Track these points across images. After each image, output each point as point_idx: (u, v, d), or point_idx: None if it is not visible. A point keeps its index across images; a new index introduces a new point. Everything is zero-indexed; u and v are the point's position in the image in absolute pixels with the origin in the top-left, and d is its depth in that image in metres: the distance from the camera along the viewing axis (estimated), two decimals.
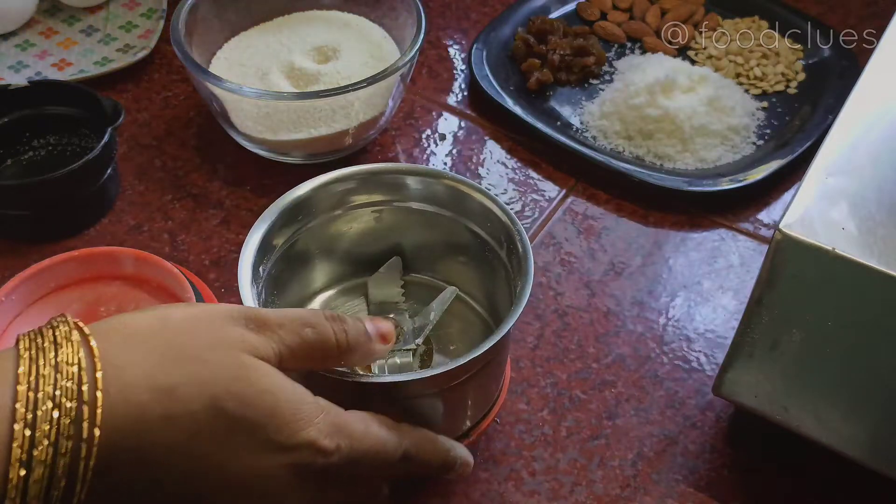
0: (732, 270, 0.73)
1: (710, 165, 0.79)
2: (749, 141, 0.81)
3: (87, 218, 0.74)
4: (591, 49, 0.87)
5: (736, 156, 0.80)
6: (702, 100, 0.80)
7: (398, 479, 0.59)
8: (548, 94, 0.86)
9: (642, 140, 0.80)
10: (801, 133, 0.81)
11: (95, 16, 0.91)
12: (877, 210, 0.51)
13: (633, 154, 0.80)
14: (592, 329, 0.69)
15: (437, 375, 0.51)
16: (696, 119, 0.79)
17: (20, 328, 0.65)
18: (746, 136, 0.82)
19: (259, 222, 0.57)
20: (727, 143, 0.80)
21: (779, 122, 0.83)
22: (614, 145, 0.81)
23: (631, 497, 0.60)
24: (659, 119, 0.79)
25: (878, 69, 0.60)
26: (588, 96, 0.86)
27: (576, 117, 0.84)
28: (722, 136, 0.80)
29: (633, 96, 0.81)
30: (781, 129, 0.83)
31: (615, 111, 0.82)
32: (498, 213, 0.58)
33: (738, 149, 0.81)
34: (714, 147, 0.80)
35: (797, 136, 0.81)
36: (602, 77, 0.87)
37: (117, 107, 0.73)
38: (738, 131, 0.81)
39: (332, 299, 0.65)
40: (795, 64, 0.88)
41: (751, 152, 0.81)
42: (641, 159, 0.80)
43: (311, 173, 0.61)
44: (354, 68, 0.78)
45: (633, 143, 0.81)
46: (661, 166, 0.79)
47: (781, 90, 0.86)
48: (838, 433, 0.55)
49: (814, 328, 0.52)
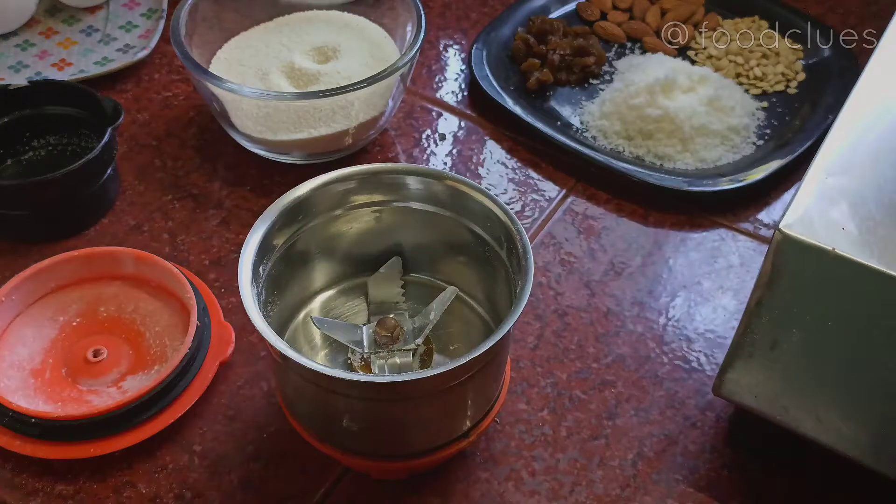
0: (732, 270, 0.73)
1: (711, 165, 0.79)
2: (749, 141, 0.81)
3: (87, 218, 0.74)
4: (592, 49, 0.87)
5: (736, 156, 0.80)
6: (702, 100, 0.80)
7: (398, 479, 0.59)
8: (548, 94, 0.85)
9: (642, 140, 0.80)
10: (801, 133, 0.81)
11: (95, 16, 0.91)
12: (877, 210, 0.51)
13: (633, 154, 0.80)
14: (592, 329, 0.69)
15: (437, 375, 0.51)
16: (696, 119, 0.79)
17: (20, 328, 0.65)
18: (746, 136, 0.82)
19: (259, 222, 0.57)
20: (727, 143, 0.80)
21: (779, 122, 0.83)
22: (614, 145, 0.81)
23: (631, 497, 0.60)
24: (659, 119, 0.79)
25: (878, 69, 0.60)
26: (588, 96, 0.86)
27: (576, 117, 0.84)
28: (722, 136, 0.80)
29: (633, 96, 0.81)
30: (781, 129, 0.83)
31: (615, 111, 0.82)
32: (498, 213, 0.58)
33: (738, 149, 0.81)
34: (714, 147, 0.80)
35: (797, 136, 0.81)
36: (602, 77, 0.87)
37: (117, 107, 0.73)
38: (738, 131, 0.81)
39: (332, 299, 0.65)
40: (795, 64, 0.88)
41: (751, 152, 0.81)
42: (641, 159, 0.80)
43: (311, 173, 0.61)
44: (354, 68, 0.78)
45: (633, 143, 0.81)
46: (661, 166, 0.79)
47: (781, 90, 0.86)
48: (838, 433, 0.55)
49: (814, 328, 0.52)
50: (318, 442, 0.57)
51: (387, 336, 0.58)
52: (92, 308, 0.67)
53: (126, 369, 0.64)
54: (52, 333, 0.66)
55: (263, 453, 0.61)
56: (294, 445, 0.61)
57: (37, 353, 0.64)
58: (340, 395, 0.53)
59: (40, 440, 0.59)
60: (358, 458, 0.56)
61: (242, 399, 0.64)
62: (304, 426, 0.57)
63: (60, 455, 0.59)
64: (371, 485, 0.60)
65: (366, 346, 0.59)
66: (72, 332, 0.66)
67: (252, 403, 0.64)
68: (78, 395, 0.62)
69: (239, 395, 0.64)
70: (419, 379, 0.51)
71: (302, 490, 0.60)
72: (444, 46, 0.91)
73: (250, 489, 0.60)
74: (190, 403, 0.61)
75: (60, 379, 0.63)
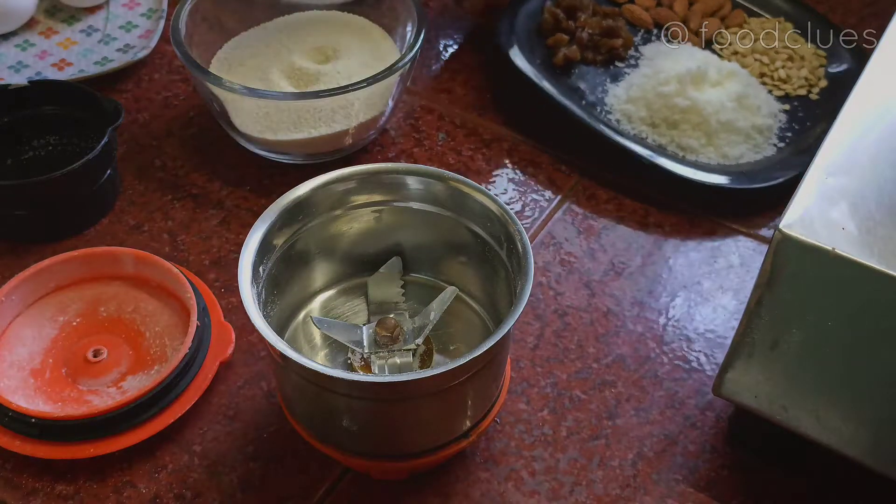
0: (732, 270, 0.73)
1: (733, 162, 0.79)
2: (771, 142, 0.81)
3: (87, 218, 0.74)
4: (620, 31, 0.86)
5: (757, 155, 0.80)
6: (730, 95, 0.80)
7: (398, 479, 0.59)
8: (573, 72, 0.84)
9: (667, 129, 0.80)
10: (821, 140, 0.80)
11: (95, 16, 0.91)
12: (877, 210, 0.51)
13: (656, 142, 0.80)
14: (592, 329, 0.69)
15: (437, 375, 0.51)
16: (724, 114, 0.79)
17: (20, 328, 0.65)
18: (769, 136, 0.81)
19: (259, 222, 0.57)
20: (750, 142, 0.80)
21: (800, 127, 0.83)
22: (638, 131, 0.80)
23: (631, 497, 0.60)
24: (686, 110, 0.79)
25: (878, 69, 0.60)
26: (612, 78, 0.85)
27: (594, 97, 0.83)
28: (746, 134, 0.80)
29: (662, 84, 0.80)
30: (802, 135, 0.82)
31: (642, 97, 0.81)
32: (498, 213, 0.58)
33: (759, 148, 0.80)
34: (737, 144, 0.80)
35: (818, 143, 0.80)
36: (627, 61, 0.86)
37: (117, 107, 0.73)
38: (761, 131, 0.81)
39: (332, 299, 0.65)
40: (818, 70, 0.87)
41: (772, 153, 0.80)
42: (664, 148, 0.79)
43: (311, 173, 0.61)
44: (354, 68, 0.78)
45: (656, 131, 0.80)
46: (683, 157, 0.79)
47: (804, 94, 0.85)
48: (838, 433, 0.55)
49: (814, 328, 0.52)
50: (318, 442, 0.57)
51: (387, 336, 0.58)
52: (92, 308, 0.67)
53: (126, 369, 0.64)
54: (52, 333, 0.66)
55: (263, 453, 0.61)
56: (294, 445, 0.61)
57: (37, 353, 0.64)
58: (340, 395, 0.53)
59: (40, 440, 0.59)
60: (358, 458, 0.56)
61: (242, 399, 0.64)
62: (304, 426, 0.57)
63: (60, 455, 0.59)
64: (371, 485, 0.60)
65: (366, 346, 0.59)
66: (72, 332, 0.66)
67: (252, 403, 0.64)
68: (78, 395, 0.62)
69: (239, 395, 0.64)
70: (419, 379, 0.51)
71: (302, 490, 0.60)
72: (443, 46, 0.91)
73: (250, 489, 0.60)
74: (190, 403, 0.61)
75: (60, 379, 0.63)
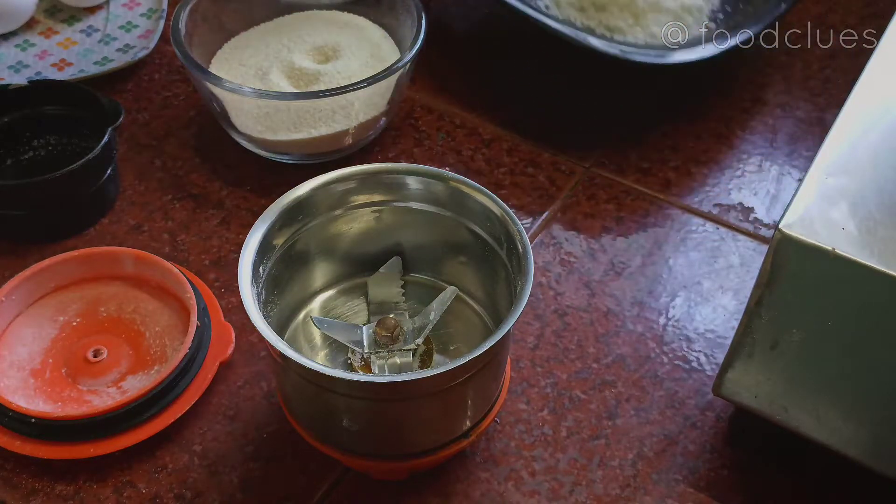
0: (732, 270, 0.73)
1: (660, 42, 0.79)
2: (701, 23, 0.81)
3: (87, 218, 0.74)
4: None
5: (687, 36, 0.80)
6: None
7: (398, 479, 0.59)
8: None
9: (595, 11, 0.80)
10: (752, 17, 0.80)
11: (95, 16, 0.91)
12: (877, 210, 0.51)
13: (585, 25, 0.80)
14: (592, 329, 0.69)
15: (437, 375, 0.51)
16: None
17: (20, 328, 0.65)
18: (699, 17, 0.81)
19: (259, 222, 0.57)
20: (679, 22, 0.80)
21: (732, 9, 0.82)
22: (566, 15, 0.80)
23: (631, 497, 0.60)
24: None
25: (878, 69, 0.60)
26: None
27: None
28: (675, 14, 0.80)
29: None
30: (735, 16, 0.81)
31: None
32: (498, 213, 0.58)
33: (689, 29, 0.80)
34: (665, 24, 0.80)
35: (748, 20, 0.79)
36: None
37: (117, 107, 0.73)
38: (691, 12, 0.81)
39: (331, 299, 0.65)
40: None
41: (701, 33, 0.80)
42: (592, 30, 0.79)
43: (311, 173, 0.61)
44: (354, 68, 0.78)
45: (584, 14, 0.80)
46: (611, 38, 0.79)
47: None
48: (838, 433, 0.55)
49: (814, 328, 0.52)
50: (318, 442, 0.57)
51: (387, 336, 0.58)
52: (92, 308, 0.67)
53: (126, 369, 0.64)
54: (52, 333, 0.66)
55: (263, 453, 0.61)
56: (294, 445, 0.61)
57: (37, 353, 0.64)
58: (340, 394, 0.53)
59: (40, 440, 0.59)
60: (358, 458, 0.56)
61: (242, 399, 0.64)
62: (304, 426, 0.57)
63: (60, 455, 0.59)
64: (371, 485, 0.60)
65: (366, 346, 0.59)
66: (72, 332, 0.66)
67: (252, 403, 0.64)
68: (78, 395, 0.62)
69: (239, 395, 0.64)
70: (419, 379, 0.51)
71: (302, 490, 0.60)
72: (443, 46, 0.91)
73: (250, 489, 0.60)
74: (190, 403, 0.61)
75: (60, 379, 0.63)
